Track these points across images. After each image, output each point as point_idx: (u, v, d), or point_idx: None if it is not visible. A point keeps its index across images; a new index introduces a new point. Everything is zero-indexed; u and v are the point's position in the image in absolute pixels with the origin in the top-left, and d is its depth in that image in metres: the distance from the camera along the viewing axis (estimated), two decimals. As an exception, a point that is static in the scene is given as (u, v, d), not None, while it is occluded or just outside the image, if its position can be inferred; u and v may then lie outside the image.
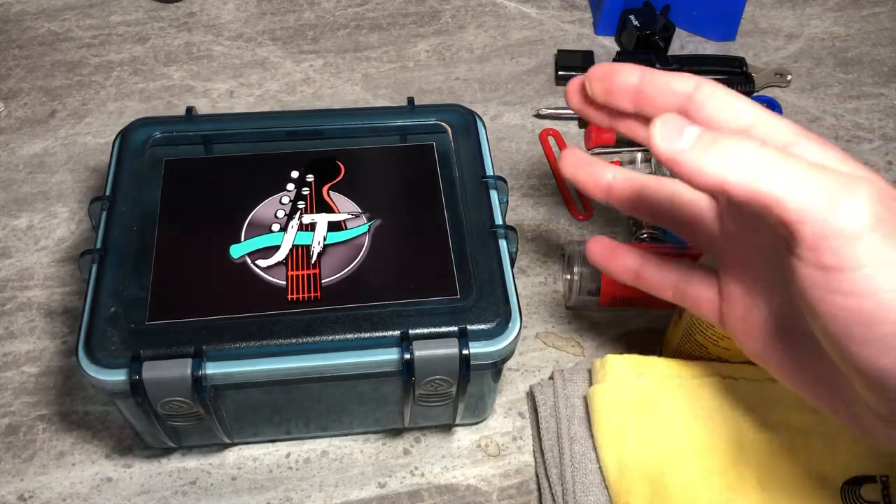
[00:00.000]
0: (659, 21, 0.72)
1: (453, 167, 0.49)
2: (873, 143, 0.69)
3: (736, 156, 0.26)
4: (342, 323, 0.42)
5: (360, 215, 0.47)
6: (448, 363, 0.41)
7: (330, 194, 0.48)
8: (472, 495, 0.49)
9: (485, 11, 0.78)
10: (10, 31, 0.74)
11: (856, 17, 0.80)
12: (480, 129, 0.51)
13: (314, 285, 0.43)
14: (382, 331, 0.41)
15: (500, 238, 0.46)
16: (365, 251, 0.45)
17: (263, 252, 0.45)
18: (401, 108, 0.52)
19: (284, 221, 0.46)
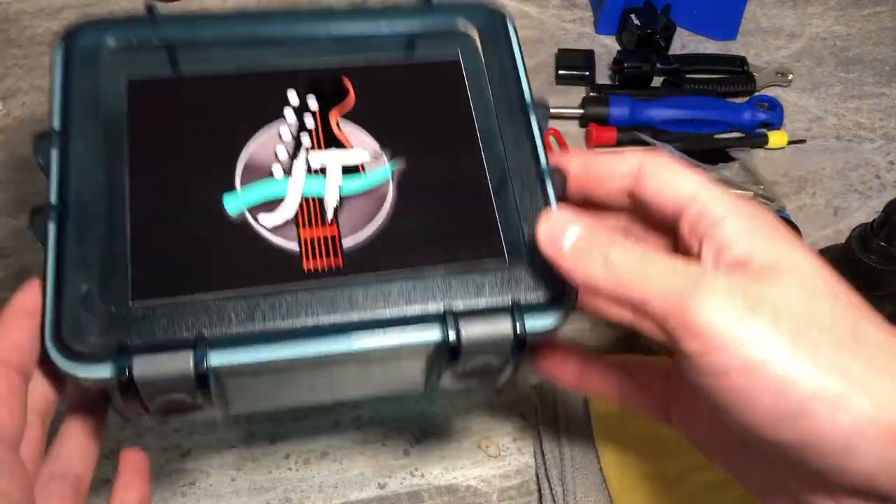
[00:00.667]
0: (660, 20, 0.72)
1: (485, 89, 0.40)
2: (875, 143, 0.69)
3: (603, 267, 0.29)
4: (372, 298, 0.34)
5: (380, 154, 0.37)
6: (500, 344, 0.34)
7: (340, 125, 0.38)
8: (472, 496, 0.49)
9: (485, 11, 0.77)
10: (9, 30, 0.74)
11: (857, 16, 0.80)
12: (512, 36, 0.41)
13: (334, 249, 0.35)
14: (420, 305, 0.34)
15: (546, 182, 0.38)
16: (390, 203, 0.36)
17: (266, 206, 0.35)
18: (415, 8, 0.42)
19: (287, 162, 0.36)
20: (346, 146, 0.37)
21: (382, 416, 0.52)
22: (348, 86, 0.39)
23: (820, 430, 0.25)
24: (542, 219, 0.32)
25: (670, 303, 0.27)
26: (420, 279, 0.35)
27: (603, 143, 0.66)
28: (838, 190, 0.65)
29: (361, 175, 0.37)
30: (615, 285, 0.29)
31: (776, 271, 0.28)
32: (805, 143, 0.68)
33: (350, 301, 0.34)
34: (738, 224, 0.30)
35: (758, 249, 0.29)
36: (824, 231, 0.63)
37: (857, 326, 0.26)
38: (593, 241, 0.30)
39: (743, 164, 0.65)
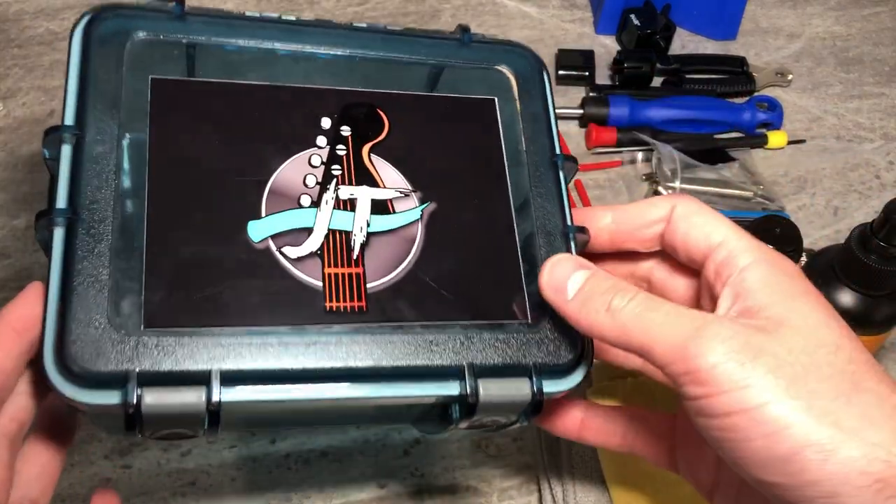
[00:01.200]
0: (660, 20, 0.72)
1: (518, 135, 0.38)
2: (874, 143, 0.69)
3: (606, 314, 0.30)
4: (392, 346, 0.32)
5: (411, 194, 0.35)
6: (516, 404, 0.33)
7: (372, 158, 0.36)
8: (472, 496, 0.49)
9: (485, 10, 0.77)
10: (9, 30, 0.74)
11: (857, 16, 0.80)
12: (547, 84, 0.39)
13: (357, 291, 0.33)
14: (441, 359, 0.32)
15: (570, 241, 0.36)
16: (418, 247, 0.35)
17: (292, 236, 0.33)
18: (451, 39, 0.39)
19: (317, 193, 0.34)
20: (377, 182, 0.35)
21: (382, 416, 0.52)
22: (383, 118, 0.37)
23: (809, 476, 0.26)
24: (545, 266, 0.33)
25: (673, 349, 0.28)
26: (442, 332, 0.33)
27: (603, 144, 0.66)
28: (838, 190, 0.65)
29: (391, 214, 0.35)
30: (619, 332, 0.30)
31: (783, 324, 0.29)
32: (805, 143, 0.68)
33: (370, 347, 0.32)
34: (761, 275, 0.30)
35: (772, 300, 0.29)
36: (824, 231, 0.63)
37: (855, 377, 0.28)
38: (596, 288, 0.31)
39: (743, 164, 0.65)
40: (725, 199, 0.63)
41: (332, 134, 0.36)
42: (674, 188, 0.62)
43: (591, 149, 0.67)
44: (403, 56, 0.38)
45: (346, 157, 0.35)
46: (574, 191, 0.64)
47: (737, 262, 0.31)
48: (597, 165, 0.66)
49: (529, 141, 0.38)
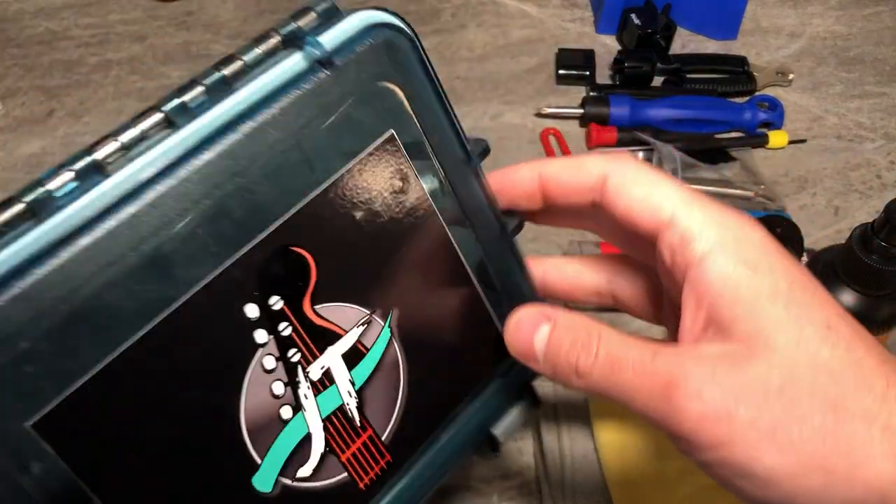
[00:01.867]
0: (660, 20, 0.71)
1: (430, 159, 0.29)
2: (875, 143, 0.69)
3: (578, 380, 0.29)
4: (429, 469, 0.32)
5: (371, 317, 0.29)
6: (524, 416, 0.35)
7: (319, 311, 0.28)
8: (472, 496, 0.49)
9: (485, 10, 0.77)
10: (9, 29, 0.74)
11: (858, 16, 0.80)
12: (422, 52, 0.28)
13: (378, 451, 0.30)
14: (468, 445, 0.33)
15: (512, 239, 0.34)
16: (404, 366, 0.30)
17: (297, 456, 0.29)
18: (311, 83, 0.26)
19: (290, 396, 0.28)
20: (338, 333, 0.29)
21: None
22: (301, 253, 0.27)
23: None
24: (507, 327, 0.31)
25: (649, 407, 0.27)
26: (459, 422, 0.33)
27: (603, 143, 0.66)
28: (839, 190, 0.65)
29: (365, 354, 0.30)
30: (597, 393, 0.29)
31: (758, 348, 0.26)
32: (805, 142, 0.68)
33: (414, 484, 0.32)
34: (724, 268, 0.27)
35: (743, 310, 0.27)
36: (825, 231, 0.63)
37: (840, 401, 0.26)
38: (560, 347, 0.29)
39: (743, 164, 0.65)
40: (726, 199, 0.63)
41: (266, 318, 0.26)
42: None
43: (591, 148, 0.66)
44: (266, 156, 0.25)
45: (294, 333, 0.27)
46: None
47: (693, 250, 0.28)
48: (597, 165, 0.65)
49: (441, 158, 0.30)
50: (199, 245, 0.24)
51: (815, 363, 0.26)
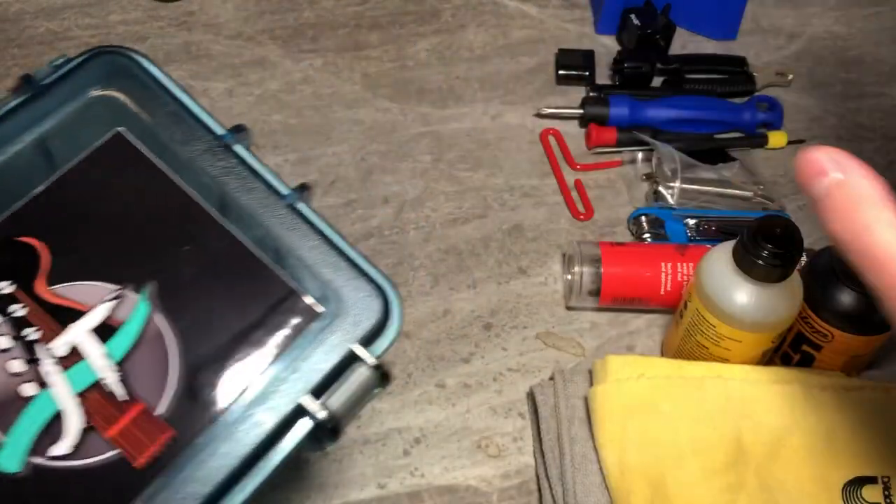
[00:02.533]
0: (660, 20, 0.71)
1: (171, 146, 0.33)
2: (875, 143, 0.69)
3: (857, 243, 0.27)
4: (228, 439, 0.29)
5: (124, 291, 0.30)
6: (367, 387, 0.31)
7: (55, 291, 0.30)
8: (472, 496, 0.49)
9: (485, 10, 0.77)
10: (9, 30, 0.74)
11: (857, 16, 0.80)
12: (157, 73, 0.35)
13: (155, 426, 0.29)
14: (277, 415, 0.30)
15: (297, 205, 0.33)
16: (173, 334, 0.30)
17: (47, 436, 0.28)
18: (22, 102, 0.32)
19: (32, 371, 0.29)
20: (81, 310, 0.30)
21: (383, 416, 0.52)
22: (30, 243, 0.30)
23: None
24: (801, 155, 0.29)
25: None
26: (257, 391, 0.30)
27: (603, 143, 0.66)
28: (838, 190, 0.65)
29: (119, 327, 0.30)
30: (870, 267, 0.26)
31: None
32: (805, 143, 0.68)
33: (213, 459, 0.28)
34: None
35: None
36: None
37: None
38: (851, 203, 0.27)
39: (743, 164, 0.65)
40: (726, 199, 0.63)
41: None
42: (674, 188, 0.62)
43: (591, 148, 0.66)
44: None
45: (30, 313, 0.29)
46: (574, 191, 0.64)
47: None
48: (597, 165, 0.66)
49: (186, 142, 0.33)
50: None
51: None
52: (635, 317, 0.57)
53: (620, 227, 0.62)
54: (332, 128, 0.67)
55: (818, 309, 0.48)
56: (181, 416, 0.29)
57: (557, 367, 0.54)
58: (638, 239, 0.60)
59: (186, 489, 0.28)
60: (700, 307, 0.47)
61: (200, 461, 0.28)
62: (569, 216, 0.62)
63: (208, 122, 0.33)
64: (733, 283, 0.45)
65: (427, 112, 0.69)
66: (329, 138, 0.66)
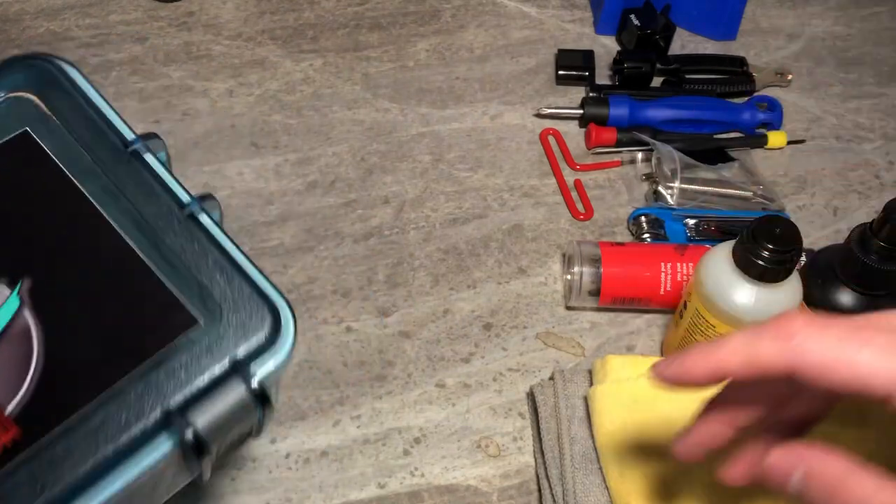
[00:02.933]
0: (659, 20, 0.72)
1: (78, 150, 0.33)
2: (874, 143, 0.69)
3: None
4: (78, 448, 0.28)
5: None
6: (242, 410, 0.30)
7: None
8: (472, 496, 0.49)
9: (485, 11, 0.78)
10: (10, 30, 0.74)
11: (857, 16, 0.80)
12: (79, 79, 0.35)
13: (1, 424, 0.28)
14: (137, 425, 0.28)
15: (198, 215, 0.33)
16: (38, 332, 0.30)
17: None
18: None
19: None
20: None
21: (383, 416, 0.52)
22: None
23: None
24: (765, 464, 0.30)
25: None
26: (120, 396, 0.29)
27: (603, 144, 0.66)
28: (838, 190, 0.65)
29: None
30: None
31: None
32: (805, 143, 0.68)
33: (53, 467, 0.27)
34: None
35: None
36: (824, 231, 0.63)
37: None
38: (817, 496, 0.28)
39: (742, 164, 0.65)
40: (725, 199, 0.63)
41: None
42: (673, 188, 0.62)
43: (591, 149, 0.67)
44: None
45: None
46: (574, 191, 0.64)
47: None
48: (597, 165, 0.66)
49: (94, 148, 0.33)
50: None
51: None
52: (635, 317, 0.57)
53: (620, 227, 0.62)
54: (332, 128, 0.67)
55: (818, 309, 0.48)
56: (34, 415, 0.28)
57: (557, 367, 0.54)
58: (638, 239, 0.60)
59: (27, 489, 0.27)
60: (700, 307, 0.47)
61: (47, 461, 0.27)
62: (568, 216, 0.62)
63: (121, 128, 0.34)
64: (733, 283, 0.46)
65: (427, 112, 0.69)
66: (329, 138, 0.66)
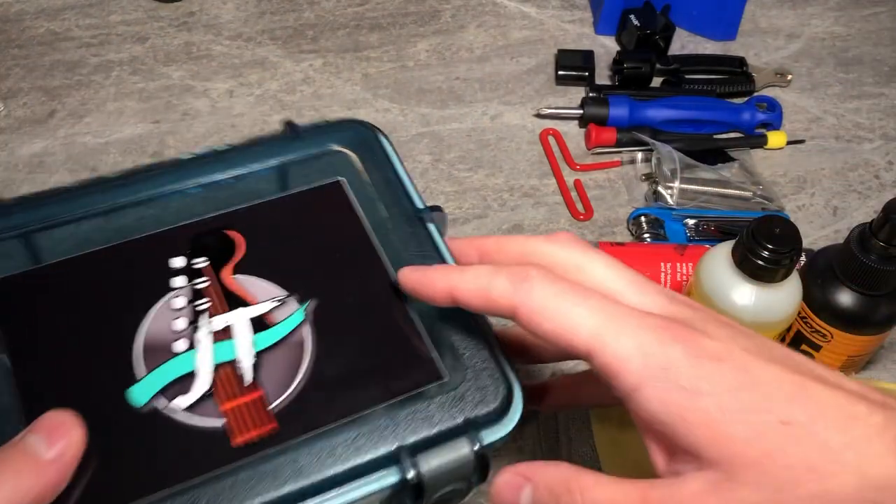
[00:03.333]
0: (659, 21, 0.72)
1: (377, 205, 0.38)
2: (874, 143, 0.69)
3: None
4: (317, 457, 0.31)
5: (288, 298, 0.35)
6: (463, 467, 0.32)
7: (236, 279, 0.35)
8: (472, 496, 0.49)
9: (485, 11, 0.78)
10: (10, 30, 0.74)
11: (856, 16, 0.80)
12: (387, 146, 0.40)
13: (263, 416, 0.32)
14: (371, 452, 0.31)
15: None
16: (312, 347, 0.34)
17: (177, 386, 0.32)
18: (281, 137, 0.40)
19: (189, 333, 0.33)
20: (248, 300, 0.35)
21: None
22: (234, 237, 0.36)
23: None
24: (490, 491, 0.32)
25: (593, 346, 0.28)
26: (364, 423, 0.32)
27: (602, 144, 0.66)
28: (837, 190, 0.66)
29: (273, 326, 0.34)
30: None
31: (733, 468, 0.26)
32: (804, 143, 0.68)
33: (294, 467, 0.31)
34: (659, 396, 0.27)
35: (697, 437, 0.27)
36: (823, 231, 0.63)
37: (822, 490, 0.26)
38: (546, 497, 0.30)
39: (742, 164, 0.66)
40: (725, 199, 0.63)
41: (188, 271, 0.35)
42: (673, 188, 0.62)
43: (590, 149, 0.67)
44: (240, 171, 0.39)
45: (209, 288, 0.35)
46: (574, 191, 0.64)
47: (624, 383, 0.28)
48: (596, 165, 0.66)
49: (390, 206, 0.38)
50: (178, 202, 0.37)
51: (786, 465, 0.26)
52: (635, 317, 0.57)
53: (620, 228, 0.62)
54: (332, 128, 0.67)
55: (817, 309, 0.48)
56: (289, 418, 0.32)
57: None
58: (637, 239, 0.60)
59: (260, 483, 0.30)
60: (699, 307, 0.47)
61: (285, 463, 0.30)
62: (568, 216, 0.63)
63: (413, 196, 0.39)
64: (732, 283, 0.46)
65: (427, 112, 0.69)
66: (329, 138, 0.66)
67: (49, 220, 0.36)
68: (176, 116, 0.67)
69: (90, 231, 0.36)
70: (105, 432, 0.30)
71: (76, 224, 0.36)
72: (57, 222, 0.36)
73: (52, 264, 0.35)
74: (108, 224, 0.36)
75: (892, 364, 0.55)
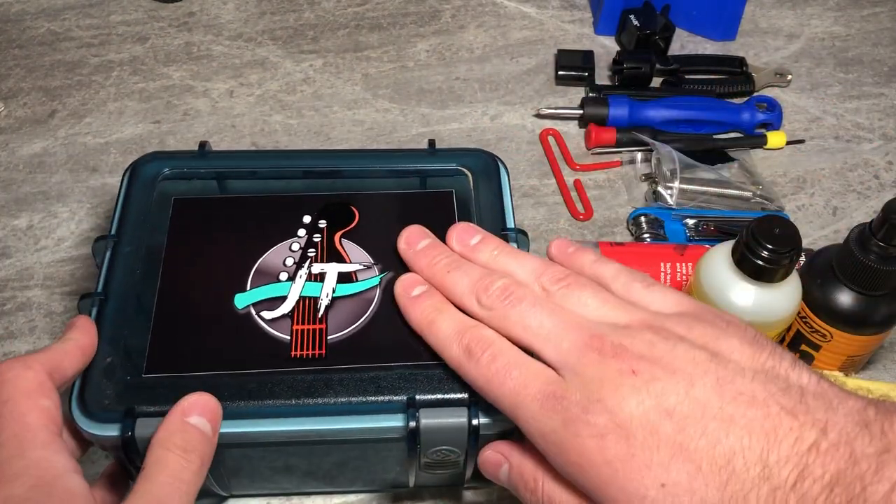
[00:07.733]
0: (659, 21, 0.72)
1: (472, 217, 0.46)
2: (873, 143, 0.69)
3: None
4: (346, 385, 0.39)
5: (372, 266, 0.44)
6: (456, 434, 0.39)
7: (342, 242, 0.45)
8: (472, 495, 0.49)
9: (485, 11, 0.78)
10: (10, 30, 0.74)
11: (856, 16, 0.80)
12: (503, 175, 0.48)
13: (319, 342, 0.41)
14: (388, 395, 0.39)
15: None
16: (374, 306, 0.42)
17: (269, 303, 0.42)
18: (421, 151, 0.49)
19: (293, 270, 0.43)
20: (345, 259, 0.44)
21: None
22: (355, 212, 0.46)
23: None
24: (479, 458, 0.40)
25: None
26: (390, 372, 0.40)
27: (602, 144, 0.66)
28: (837, 190, 0.66)
29: (354, 282, 0.43)
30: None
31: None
32: (804, 143, 0.68)
33: (327, 386, 0.39)
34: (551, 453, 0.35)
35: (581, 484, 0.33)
36: (823, 231, 0.63)
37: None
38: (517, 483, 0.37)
39: (742, 164, 0.66)
40: (725, 200, 0.63)
41: (311, 226, 0.45)
42: (673, 188, 0.62)
43: (590, 149, 0.67)
44: (383, 167, 0.49)
45: (320, 242, 0.45)
46: (574, 191, 0.64)
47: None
48: (596, 166, 0.66)
49: (483, 220, 0.46)
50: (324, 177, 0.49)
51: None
52: (635, 316, 0.57)
53: (620, 228, 0.62)
54: (332, 128, 0.67)
55: (817, 309, 0.48)
56: (337, 350, 0.41)
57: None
58: (637, 239, 0.60)
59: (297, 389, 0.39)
60: (699, 307, 0.47)
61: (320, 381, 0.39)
62: (568, 216, 0.63)
63: (508, 216, 0.46)
64: (732, 283, 0.46)
65: (427, 112, 0.69)
66: (329, 139, 0.66)
67: (236, 168, 0.48)
68: (176, 116, 0.68)
69: (258, 183, 0.47)
70: (213, 319, 0.41)
71: (249, 177, 0.48)
72: (241, 173, 0.48)
73: (225, 198, 0.47)
74: (274, 182, 0.47)
75: (892, 364, 0.55)
